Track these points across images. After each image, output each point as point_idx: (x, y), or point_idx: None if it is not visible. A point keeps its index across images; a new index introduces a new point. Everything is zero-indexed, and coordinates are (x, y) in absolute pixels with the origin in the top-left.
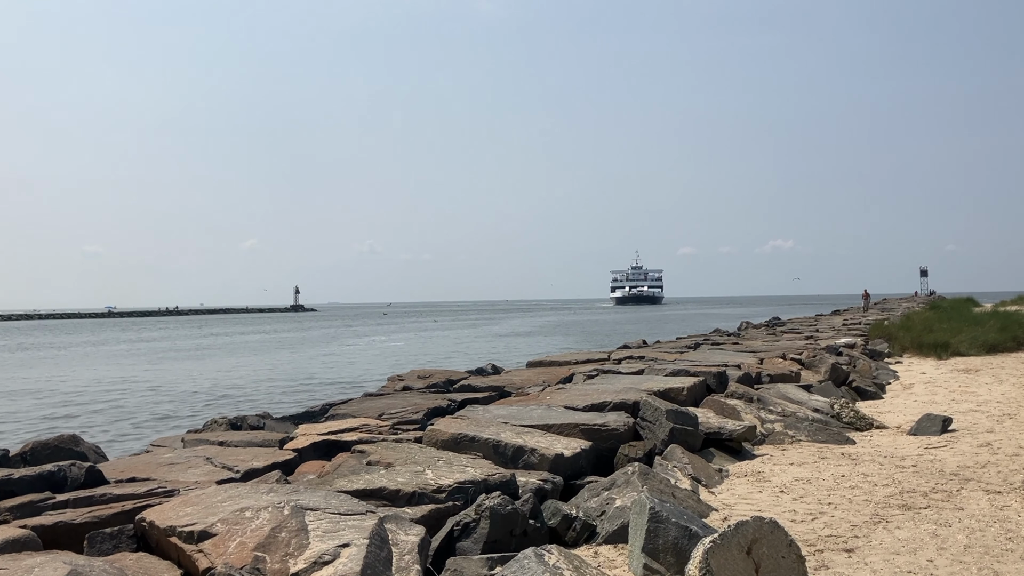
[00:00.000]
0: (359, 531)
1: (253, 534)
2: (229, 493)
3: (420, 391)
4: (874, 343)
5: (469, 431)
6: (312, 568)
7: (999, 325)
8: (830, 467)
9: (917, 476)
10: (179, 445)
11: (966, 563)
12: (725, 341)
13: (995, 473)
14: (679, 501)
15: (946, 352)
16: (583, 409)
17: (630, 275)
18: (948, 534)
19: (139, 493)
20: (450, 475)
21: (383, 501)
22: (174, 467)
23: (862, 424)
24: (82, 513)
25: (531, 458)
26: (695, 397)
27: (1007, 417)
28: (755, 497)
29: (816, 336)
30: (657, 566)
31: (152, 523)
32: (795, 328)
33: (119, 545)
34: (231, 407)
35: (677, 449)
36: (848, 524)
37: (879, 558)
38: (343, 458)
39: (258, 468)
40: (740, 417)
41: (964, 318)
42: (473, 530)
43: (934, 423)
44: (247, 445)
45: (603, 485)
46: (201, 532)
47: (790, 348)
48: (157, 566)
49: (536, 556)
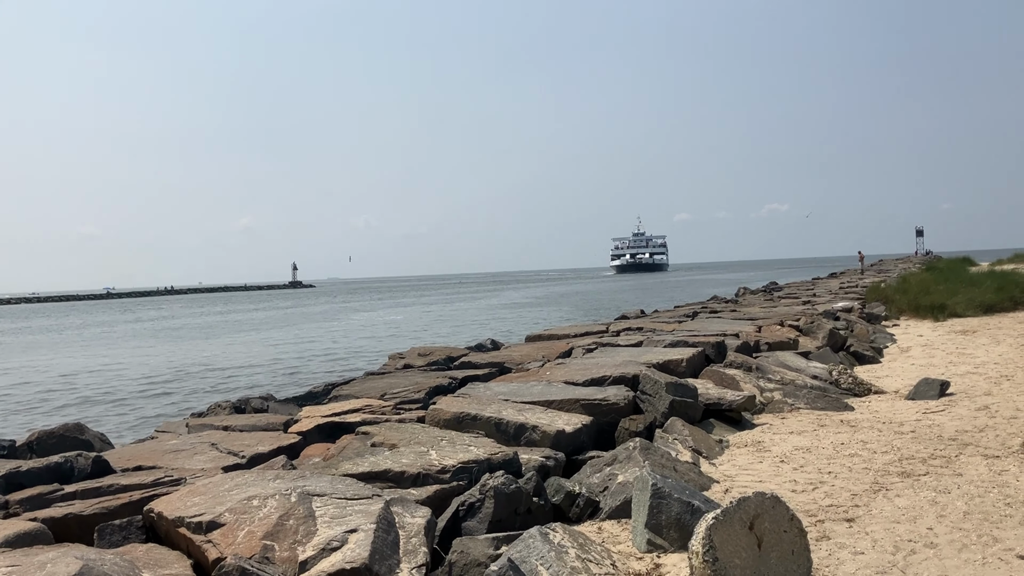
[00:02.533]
0: (366, 516)
1: (261, 523)
2: (236, 481)
3: (421, 369)
4: (871, 306)
5: (471, 410)
6: (321, 555)
7: (995, 285)
8: (829, 435)
9: (916, 442)
10: (184, 430)
11: (965, 530)
12: (723, 309)
13: (993, 437)
14: (680, 474)
15: (943, 314)
16: (583, 384)
17: (631, 242)
18: (947, 501)
19: (146, 483)
20: (454, 455)
21: (388, 483)
22: (180, 454)
23: (860, 390)
24: (91, 504)
25: (533, 435)
26: (694, 368)
27: (1004, 379)
28: (755, 468)
29: (813, 301)
30: (661, 541)
31: (160, 514)
32: (792, 293)
33: (128, 536)
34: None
35: (677, 421)
36: (848, 493)
37: (880, 527)
38: (347, 440)
39: (264, 453)
40: (739, 387)
41: (960, 279)
42: (478, 510)
43: (932, 387)
44: (252, 429)
45: (605, 460)
46: (209, 522)
47: (788, 314)
48: (167, 557)
49: (541, 535)
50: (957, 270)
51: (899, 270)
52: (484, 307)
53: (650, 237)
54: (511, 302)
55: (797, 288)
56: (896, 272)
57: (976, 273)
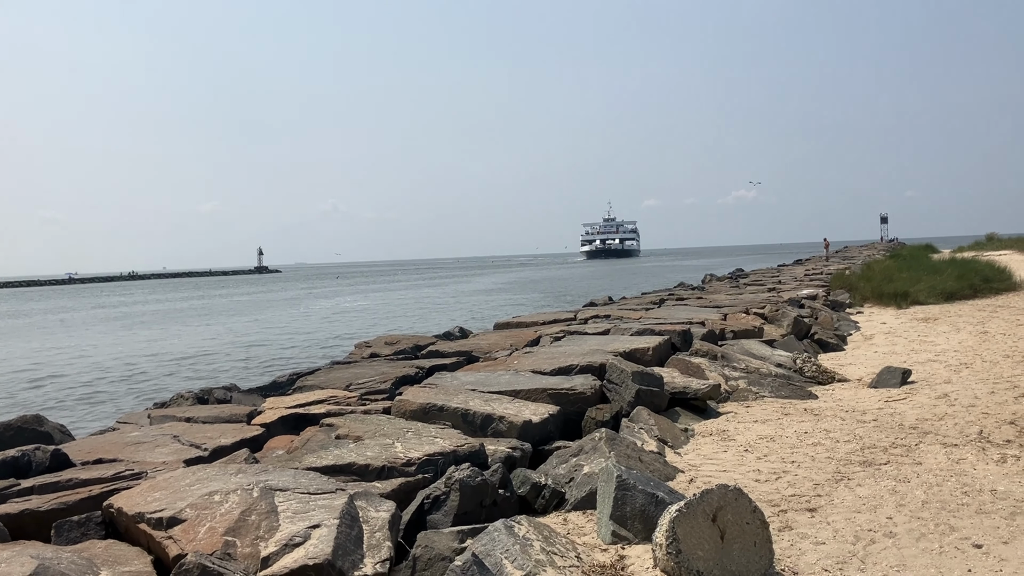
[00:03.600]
0: (329, 511)
1: (223, 519)
2: (198, 475)
3: (387, 358)
4: (836, 294)
5: (437, 400)
6: (283, 551)
7: (956, 273)
8: (793, 423)
9: (877, 431)
10: (145, 422)
11: (924, 519)
12: (689, 296)
13: (952, 425)
14: (646, 465)
15: (906, 301)
16: (550, 373)
17: (602, 228)
18: (907, 490)
19: (106, 477)
20: (419, 447)
21: (353, 476)
22: (141, 446)
23: (824, 378)
24: (48, 500)
25: (500, 426)
26: (660, 357)
27: (964, 366)
28: (720, 457)
29: (779, 288)
30: (625, 533)
31: (120, 509)
32: (758, 280)
33: (87, 533)
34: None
35: (643, 411)
36: (811, 483)
37: (841, 517)
38: (312, 432)
39: (226, 445)
40: (705, 376)
41: (923, 267)
42: (443, 503)
43: (894, 375)
44: (214, 421)
45: (571, 451)
46: (170, 518)
47: (753, 301)
48: (127, 554)
49: (506, 528)
50: (920, 258)
51: (864, 257)
52: (454, 293)
53: (621, 222)
54: (481, 288)
55: (763, 275)
56: (861, 259)
57: (938, 261)
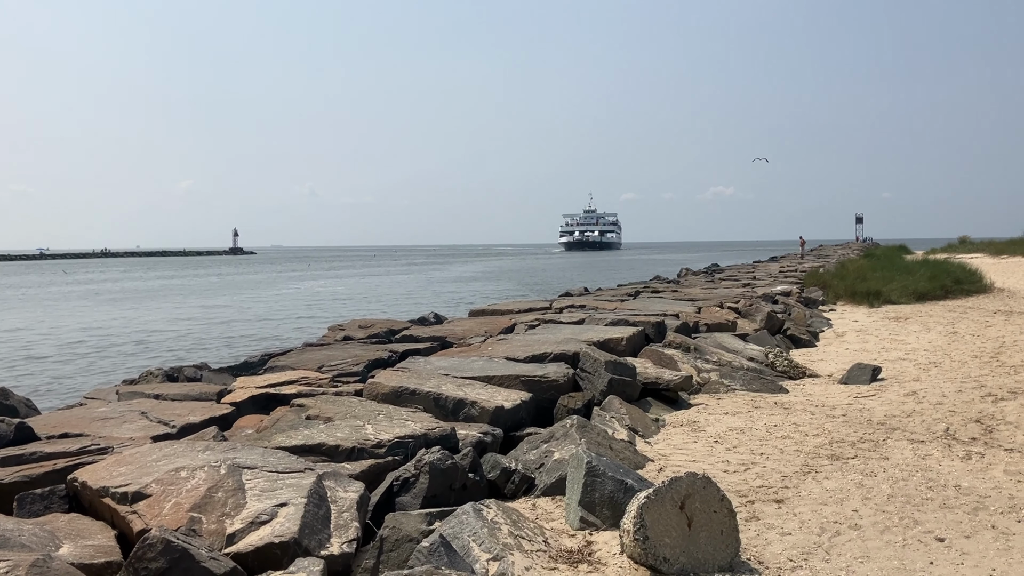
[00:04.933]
0: (297, 490)
1: (189, 494)
2: (164, 452)
3: (361, 342)
4: (809, 291)
5: (410, 384)
6: (249, 528)
7: (928, 274)
8: (763, 417)
9: (846, 426)
10: (114, 398)
11: (888, 512)
12: (665, 289)
13: (919, 422)
14: (616, 453)
15: (878, 300)
16: (524, 360)
17: (582, 219)
18: (873, 484)
19: (72, 451)
20: (390, 429)
21: (322, 457)
22: (108, 422)
23: (795, 373)
24: (11, 472)
25: (472, 411)
26: (634, 347)
27: (933, 366)
28: (690, 447)
29: (753, 284)
30: (593, 519)
31: (85, 483)
32: (733, 275)
33: (50, 506)
34: (167, 355)
35: (615, 400)
36: (779, 475)
37: (807, 508)
38: (282, 412)
39: (195, 423)
40: (677, 367)
41: (896, 267)
42: (412, 485)
43: (864, 372)
44: (184, 398)
45: (542, 437)
46: (135, 493)
47: (727, 296)
48: (90, 528)
49: (475, 511)
50: (893, 258)
51: (838, 256)
52: (430, 280)
53: (601, 215)
54: (458, 276)
55: (738, 271)
56: (835, 258)
57: (911, 261)
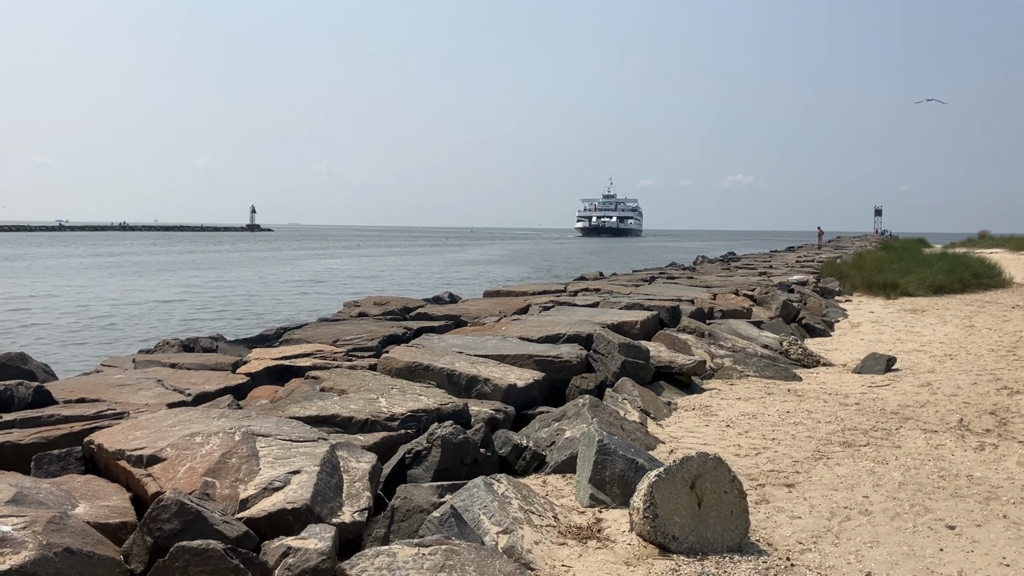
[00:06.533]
0: (310, 458)
1: (203, 459)
2: (180, 417)
3: (376, 318)
4: (825, 281)
5: (424, 360)
6: (262, 494)
7: (947, 267)
8: (776, 403)
9: (859, 414)
10: (130, 366)
11: (899, 499)
12: (680, 275)
13: (933, 412)
14: (627, 433)
15: (895, 292)
16: (537, 340)
17: (600, 204)
18: (885, 471)
19: (88, 415)
20: (403, 403)
21: (335, 428)
22: (124, 388)
23: (809, 361)
24: (29, 434)
25: (484, 388)
26: (648, 331)
27: (948, 358)
28: (702, 431)
29: (769, 272)
30: (603, 496)
31: (101, 446)
32: (749, 264)
33: (67, 467)
34: (183, 327)
35: (628, 382)
36: (790, 460)
37: (818, 493)
38: (296, 384)
39: (210, 392)
40: (691, 352)
41: (914, 259)
42: (424, 458)
43: (878, 362)
44: (199, 368)
45: (554, 416)
46: (151, 456)
47: (743, 284)
48: (106, 489)
49: (485, 485)
50: (911, 251)
51: (856, 247)
52: (446, 261)
53: (621, 200)
54: (474, 258)
55: (754, 259)
56: (853, 249)
57: (929, 255)
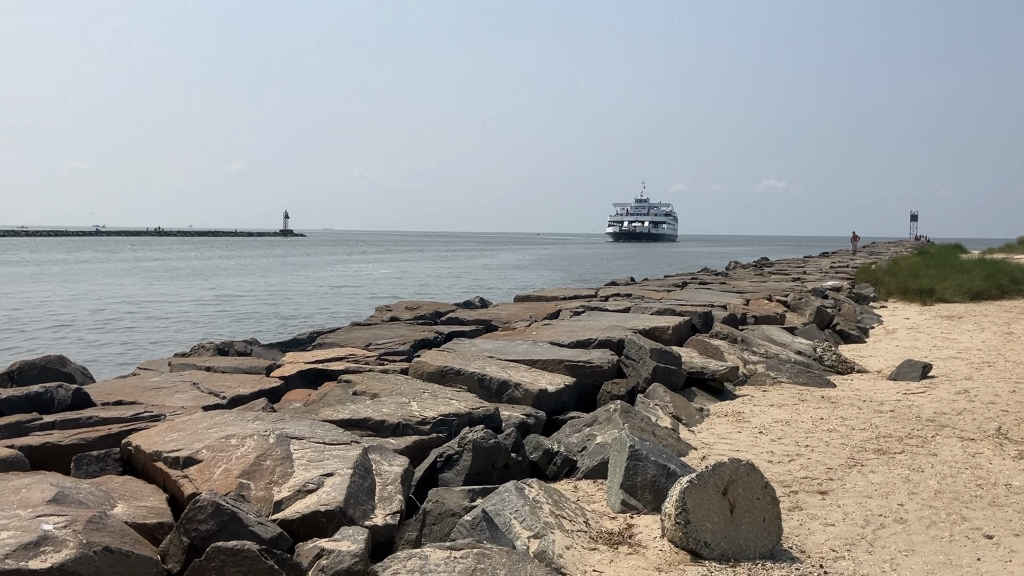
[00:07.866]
0: (343, 461)
1: (238, 461)
2: (215, 420)
3: (407, 322)
4: (860, 287)
5: (455, 364)
6: (296, 496)
7: (984, 273)
8: (809, 409)
9: (894, 421)
10: (166, 369)
11: (935, 508)
12: (712, 281)
13: (970, 420)
14: (659, 439)
15: (931, 298)
16: (568, 345)
17: (633, 209)
18: (920, 479)
19: (126, 417)
20: (435, 407)
21: (368, 431)
22: (161, 391)
23: (843, 368)
24: (69, 435)
25: (515, 392)
26: (680, 336)
27: (986, 365)
28: (734, 437)
29: (803, 278)
30: (635, 502)
31: (138, 447)
32: (783, 269)
33: (105, 468)
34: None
35: (659, 388)
36: (824, 467)
37: (852, 501)
38: (329, 387)
39: (244, 395)
40: (723, 357)
41: (950, 265)
42: (456, 462)
43: (914, 369)
44: (234, 371)
45: (585, 421)
46: (187, 458)
47: (776, 289)
48: (143, 490)
49: (516, 489)
50: (948, 256)
51: (891, 253)
52: (476, 266)
53: (654, 204)
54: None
55: (788, 265)
56: (888, 255)
57: (966, 260)
